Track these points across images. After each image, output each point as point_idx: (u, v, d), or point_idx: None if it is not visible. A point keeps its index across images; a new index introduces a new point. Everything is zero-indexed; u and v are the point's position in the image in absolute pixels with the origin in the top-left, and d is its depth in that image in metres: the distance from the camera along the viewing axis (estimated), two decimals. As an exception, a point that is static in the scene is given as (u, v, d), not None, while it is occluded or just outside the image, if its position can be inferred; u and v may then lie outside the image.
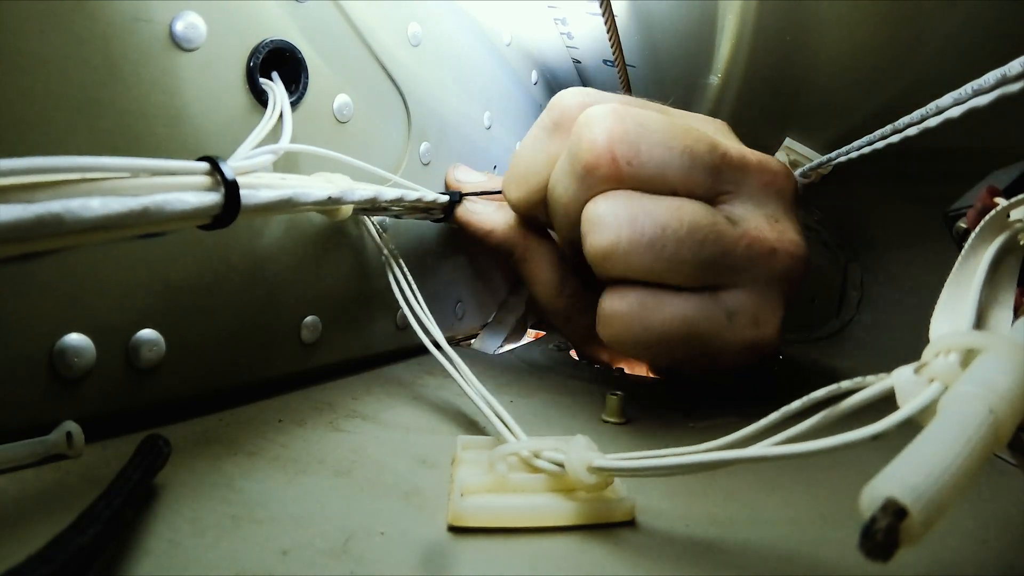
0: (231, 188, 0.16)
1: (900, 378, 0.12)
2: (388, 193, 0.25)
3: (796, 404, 0.13)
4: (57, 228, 0.12)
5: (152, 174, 0.14)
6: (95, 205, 0.12)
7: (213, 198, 0.16)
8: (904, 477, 0.08)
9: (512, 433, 0.20)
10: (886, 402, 0.12)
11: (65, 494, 0.16)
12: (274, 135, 0.22)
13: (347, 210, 0.24)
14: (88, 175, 0.13)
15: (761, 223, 0.26)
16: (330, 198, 0.21)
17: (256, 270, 0.25)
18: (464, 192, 0.35)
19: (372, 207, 0.25)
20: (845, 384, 0.12)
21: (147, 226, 0.14)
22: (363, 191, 0.24)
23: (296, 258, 0.27)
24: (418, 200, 0.30)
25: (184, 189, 0.15)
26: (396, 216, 0.32)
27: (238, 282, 0.24)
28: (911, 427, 0.10)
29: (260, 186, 0.18)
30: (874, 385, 0.12)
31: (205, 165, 0.16)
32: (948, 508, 0.08)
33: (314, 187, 0.21)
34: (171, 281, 0.22)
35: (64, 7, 0.18)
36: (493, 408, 0.21)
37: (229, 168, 0.16)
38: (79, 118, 0.18)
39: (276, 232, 0.26)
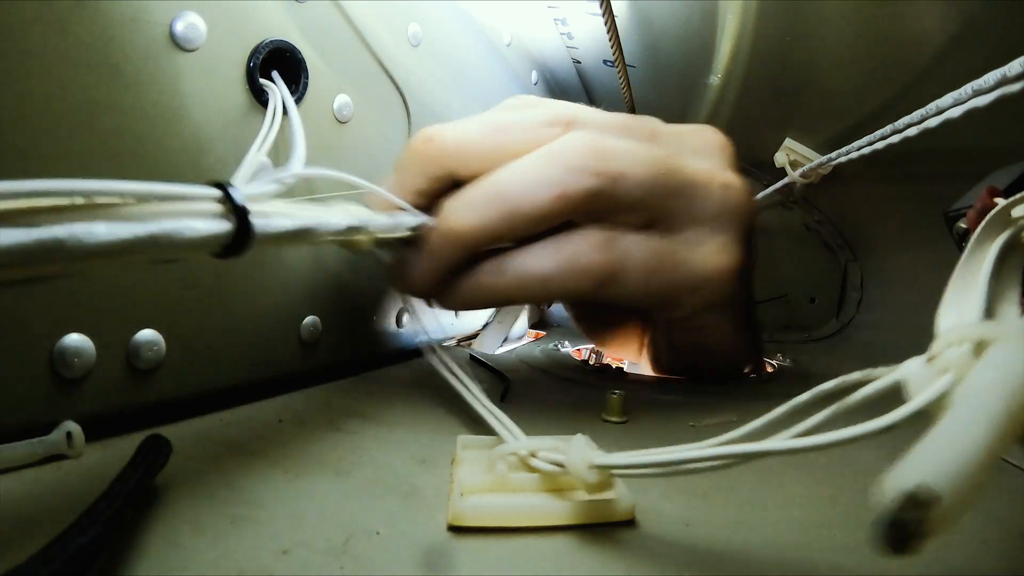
0: (241, 216, 0.15)
1: (910, 370, 0.11)
2: (408, 220, 0.24)
3: (804, 397, 0.13)
4: (60, 254, 0.11)
5: (161, 200, 0.14)
6: (100, 231, 0.12)
7: (224, 226, 0.15)
8: (935, 462, 0.08)
9: (511, 433, 0.20)
10: (885, 401, 0.11)
11: (65, 494, 0.16)
12: (280, 134, 0.22)
13: (367, 240, 0.22)
14: (95, 199, 0.12)
15: (707, 166, 0.28)
16: (349, 228, 0.20)
17: (256, 270, 0.25)
18: None
19: (393, 236, 0.24)
20: (853, 376, 0.12)
21: (154, 253, 0.13)
22: (383, 220, 0.22)
23: (296, 258, 0.27)
24: None
25: (193, 216, 0.14)
26: None
27: (238, 282, 0.24)
28: (917, 421, 0.10)
29: (274, 214, 0.17)
30: (883, 378, 0.12)
31: (216, 191, 0.15)
32: (978, 494, 0.08)
33: (332, 216, 0.20)
34: (171, 281, 0.22)
35: (64, 7, 0.18)
36: (489, 410, 0.21)
37: (240, 194, 0.15)
38: (79, 118, 0.18)
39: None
